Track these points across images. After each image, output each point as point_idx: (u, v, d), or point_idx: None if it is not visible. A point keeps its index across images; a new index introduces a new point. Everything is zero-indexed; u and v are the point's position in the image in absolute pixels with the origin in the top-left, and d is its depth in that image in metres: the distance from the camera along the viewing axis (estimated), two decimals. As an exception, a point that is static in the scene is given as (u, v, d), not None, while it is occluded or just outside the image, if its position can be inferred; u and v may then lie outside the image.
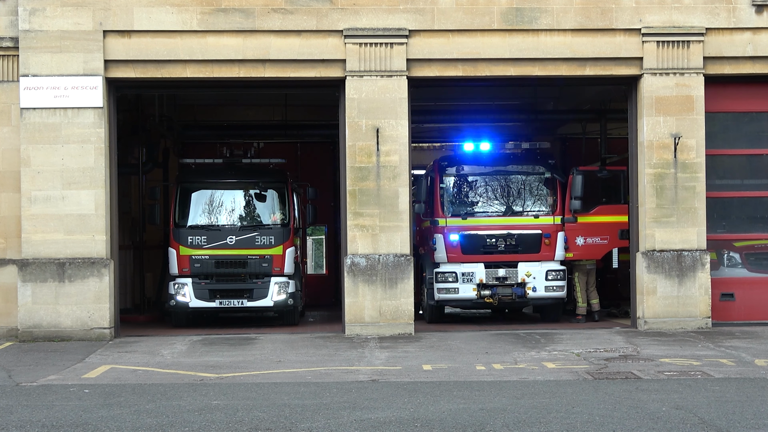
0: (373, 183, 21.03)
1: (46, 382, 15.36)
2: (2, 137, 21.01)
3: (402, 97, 21.06)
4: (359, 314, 20.98)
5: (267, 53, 20.97)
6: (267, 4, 20.93)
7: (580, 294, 24.15)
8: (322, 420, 11.98)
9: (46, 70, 20.59)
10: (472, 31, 21.15)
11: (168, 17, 20.79)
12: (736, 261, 22.64)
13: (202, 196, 23.84)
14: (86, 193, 20.64)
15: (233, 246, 23.16)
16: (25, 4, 20.58)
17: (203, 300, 23.06)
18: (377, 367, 16.51)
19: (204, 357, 18.13)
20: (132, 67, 20.93)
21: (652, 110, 21.30)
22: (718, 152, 22.10)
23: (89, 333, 20.50)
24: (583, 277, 24.14)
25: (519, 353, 18.01)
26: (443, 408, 12.65)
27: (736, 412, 12.27)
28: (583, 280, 24.13)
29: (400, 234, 21.06)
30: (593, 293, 24.22)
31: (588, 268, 24.15)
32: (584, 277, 24.16)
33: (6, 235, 21.04)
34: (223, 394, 13.89)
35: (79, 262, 20.57)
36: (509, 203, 23.68)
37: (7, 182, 20.97)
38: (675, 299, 21.28)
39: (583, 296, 24.15)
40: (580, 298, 24.15)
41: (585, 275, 24.16)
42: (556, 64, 21.35)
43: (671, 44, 21.25)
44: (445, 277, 23.13)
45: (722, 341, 19.30)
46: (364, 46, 20.98)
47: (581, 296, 24.14)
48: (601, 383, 14.65)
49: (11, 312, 20.89)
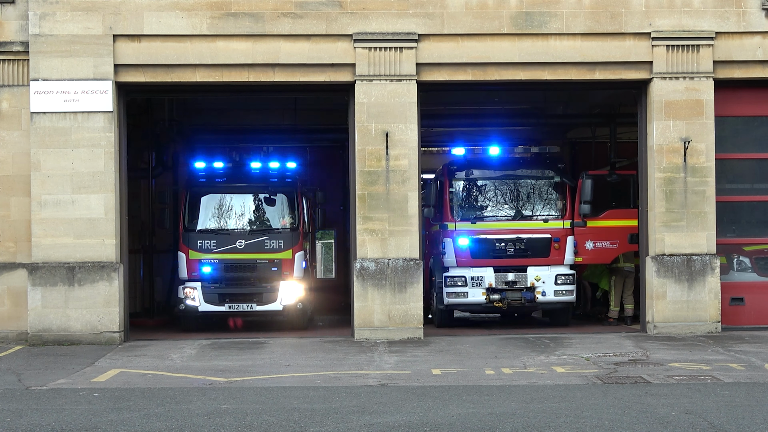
0: (383, 187, 21.04)
1: (56, 386, 15.38)
2: (12, 141, 21.06)
3: (411, 102, 21.07)
4: (368, 318, 20.98)
5: (277, 57, 21.00)
6: (277, 8, 20.96)
7: (614, 298, 24.15)
8: (331, 424, 11.98)
9: (56, 75, 20.64)
10: (482, 36, 21.15)
11: (178, 22, 20.82)
12: (746, 265, 22.60)
13: (212, 200, 23.80)
14: (96, 197, 20.67)
15: (242, 250, 23.14)
16: (36, 9, 20.63)
17: (212, 304, 23.01)
18: (386, 372, 16.51)
19: (213, 361, 18.14)
20: (142, 72, 20.97)
21: (661, 114, 21.27)
22: (727, 156, 22.06)
23: (99, 337, 20.53)
24: (620, 281, 24.13)
25: (528, 357, 17.99)
26: (453, 412, 12.65)
27: (745, 416, 12.25)
28: (620, 283, 24.13)
29: (410, 238, 21.06)
30: (629, 298, 24.20)
31: (626, 271, 24.10)
32: (621, 280, 24.14)
33: (16, 239, 21.08)
34: (232, 398, 13.90)
35: (89, 266, 20.60)
36: (518, 207, 23.66)
37: (17, 186, 21.01)
38: (685, 303, 21.24)
39: (617, 300, 24.15)
40: (613, 302, 24.16)
41: (623, 279, 24.14)
42: (566, 69, 21.34)
43: (681, 48, 21.22)
44: (455, 281, 23.11)
45: (732, 346, 19.26)
46: (374, 51, 20.99)
47: (614, 300, 24.15)
48: (610, 387, 14.63)
49: (21, 316, 20.92)
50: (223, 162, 25.09)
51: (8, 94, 21.06)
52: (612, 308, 24.17)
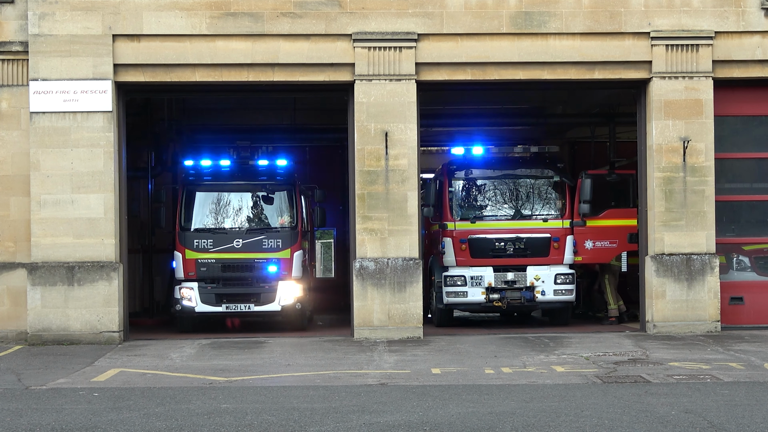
0: (382, 187, 21.04)
1: (56, 386, 15.38)
2: (12, 141, 21.06)
3: (411, 101, 21.08)
4: (368, 318, 20.99)
5: (276, 57, 21.00)
6: (276, 8, 20.96)
7: (611, 296, 24.15)
8: (331, 423, 11.99)
9: (55, 74, 20.64)
10: (481, 35, 21.15)
11: (177, 21, 20.83)
12: (746, 264, 22.61)
13: (208, 198, 23.44)
14: (95, 196, 20.68)
15: (240, 249, 22.80)
16: (35, 9, 20.63)
17: (209, 304, 22.67)
18: (386, 371, 16.51)
19: (213, 360, 18.14)
20: (141, 71, 20.97)
21: (661, 114, 21.28)
22: (727, 156, 22.07)
23: (98, 336, 20.54)
24: (613, 279, 24.15)
25: (528, 357, 18.00)
26: (452, 411, 12.65)
27: (745, 416, 12.26)
28: (613, 281, 24.15)
29: (409, 238, 21.07)
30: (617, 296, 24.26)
31: (615, 269, 24.11)
32: (614, 278, 24.16)
33: (15, 239, 21.08)
34: (232, 398, 13.91)
35: (89, 265, 20.61)
36: (518, 207, 23.66)
37: (17, 186, 21.02)
38: (684, 303, 21.25)
39: (614, 298, 24.15)
40: (612, 300, 24.15)
41: (614, 277, 24.16)
42: (565, 68, 21.34)
43: (680, 48, 21.23)
44: (454, 280, 23.12)
45: (731, 345, 19.27)
46: (373, 50, 21.00)
47: (612, 298, 24.14)
48: (610, 387, 14.64)
49: (21, 315, 20.93)
50: (220, 159, 24.72)
51: (7, 94, 21.06)
52: (611, 307, 24.15)
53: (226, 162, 24.59)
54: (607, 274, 24.21)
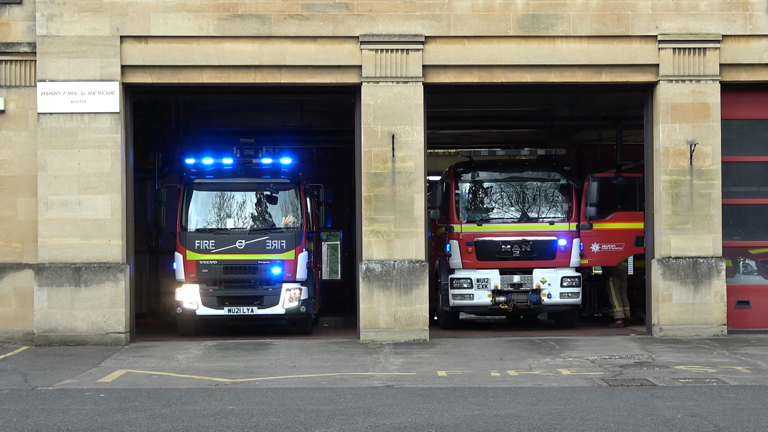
0: (389, 189, 21.05)
1: (62, 387, 15.40)
2: (19, 142, 21.10)
3: (418, 104, 21.08)
4: (374, 320, 20.99)
5: (283, 59, 21.02)
6: (283, 10, 20.98)
7: (615, 299, 24.10)
8: (336, 425, 12.00)
9: (63, 76, 20.67)
10: (488, 38, 21.16)
11: (185, 23, 20.85)
12: (752, 268, 22.59)
13: (210, 197, 22.82)
14: (102, 198, 20.71)
15: (242, 250, 22.14)
16: (43, 10, 20.66)
17: (211, 307, 22.01)
18: (392, 373, 16.51)
19: (219, 362, 18.16)
20: (149, 73, 21.01)
21: (668, 117, 21.27)
22: (734, 159, 22.05)
23: (105, 337, 20.57)
24: (618, 282, 24.11)
25: (534, 360, 17.99)
26: (458, 414, 12.65)
27: (751, 419, 12.24)
28: (618, 284, 24.11)
29: (415, 240, 21.07)
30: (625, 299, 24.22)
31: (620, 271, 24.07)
32: (619, 281, 24.12)
33: (22, 240, 21.11)
34: (238, 399, 13.92)
35: (95, 266, 20.64)
36: (524, 210, 23.66)
37: (24, 187, 21.05)
38: (690, 306, 21.23)
39: (620, 301, 24.10)
40: (617, 303, 24.10)
41: (619, 279, 24.12)
42: (572, 71, 21.34)
43: (687, 51, 21.22)
44: (460, 283, 23.11)
45: (737, 349, 19.25)
46: (380, 53, 21.01)
47: (617, 301, 24.10)
48: (616, 390, 14.63)
49: (27, 316, 20.96)
50: (223, 157, 23.83)
51: (15, 95, 21.11)
52: (616, 309, 24.13)
53: (228, 160, 23.72)
54: (612, 276, 24.19)
